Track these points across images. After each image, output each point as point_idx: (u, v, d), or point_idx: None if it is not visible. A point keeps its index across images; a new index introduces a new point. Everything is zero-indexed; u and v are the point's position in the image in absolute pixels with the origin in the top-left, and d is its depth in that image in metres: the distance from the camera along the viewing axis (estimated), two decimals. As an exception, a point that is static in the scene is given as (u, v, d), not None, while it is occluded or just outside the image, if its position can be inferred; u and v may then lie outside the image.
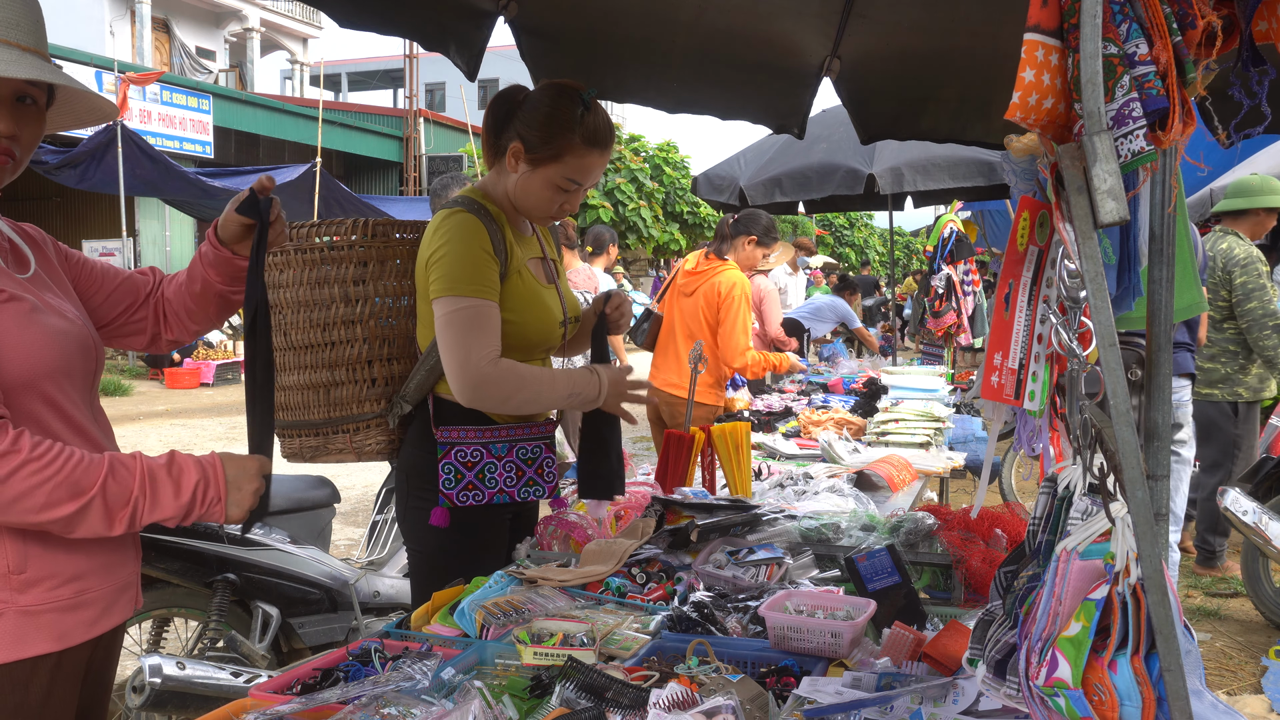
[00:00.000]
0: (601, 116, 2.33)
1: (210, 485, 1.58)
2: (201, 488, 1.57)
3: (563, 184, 2.32)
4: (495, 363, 2.23)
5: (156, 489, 1.53)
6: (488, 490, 2.37)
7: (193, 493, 1.56)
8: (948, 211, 9.20)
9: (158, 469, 1.54)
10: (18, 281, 1.58)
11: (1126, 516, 1.10)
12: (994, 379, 1.40)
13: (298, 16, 32.07)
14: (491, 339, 2.25)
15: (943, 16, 2.92)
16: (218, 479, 1.60)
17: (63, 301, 1.68)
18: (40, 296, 1.61)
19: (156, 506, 1.53)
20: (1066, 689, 1.10)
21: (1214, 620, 5.04)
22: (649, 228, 22.02)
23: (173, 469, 1.56)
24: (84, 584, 1.58)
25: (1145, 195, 1.32)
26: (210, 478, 1.59)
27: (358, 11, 2.59)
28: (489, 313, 2.26)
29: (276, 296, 2.44)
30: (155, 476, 1.53)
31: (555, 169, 2.31)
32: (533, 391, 2.27)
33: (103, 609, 1.62)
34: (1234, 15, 1.25)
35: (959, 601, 2.21)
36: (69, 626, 1.55)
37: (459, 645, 1.82)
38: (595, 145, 2.31)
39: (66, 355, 1.59)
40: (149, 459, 1.56)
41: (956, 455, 4.11)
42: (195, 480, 1.57)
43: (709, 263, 5.22)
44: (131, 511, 1.51)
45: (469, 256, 2.25)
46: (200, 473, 1.58)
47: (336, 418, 2.43)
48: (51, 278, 1.72)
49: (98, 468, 1.48)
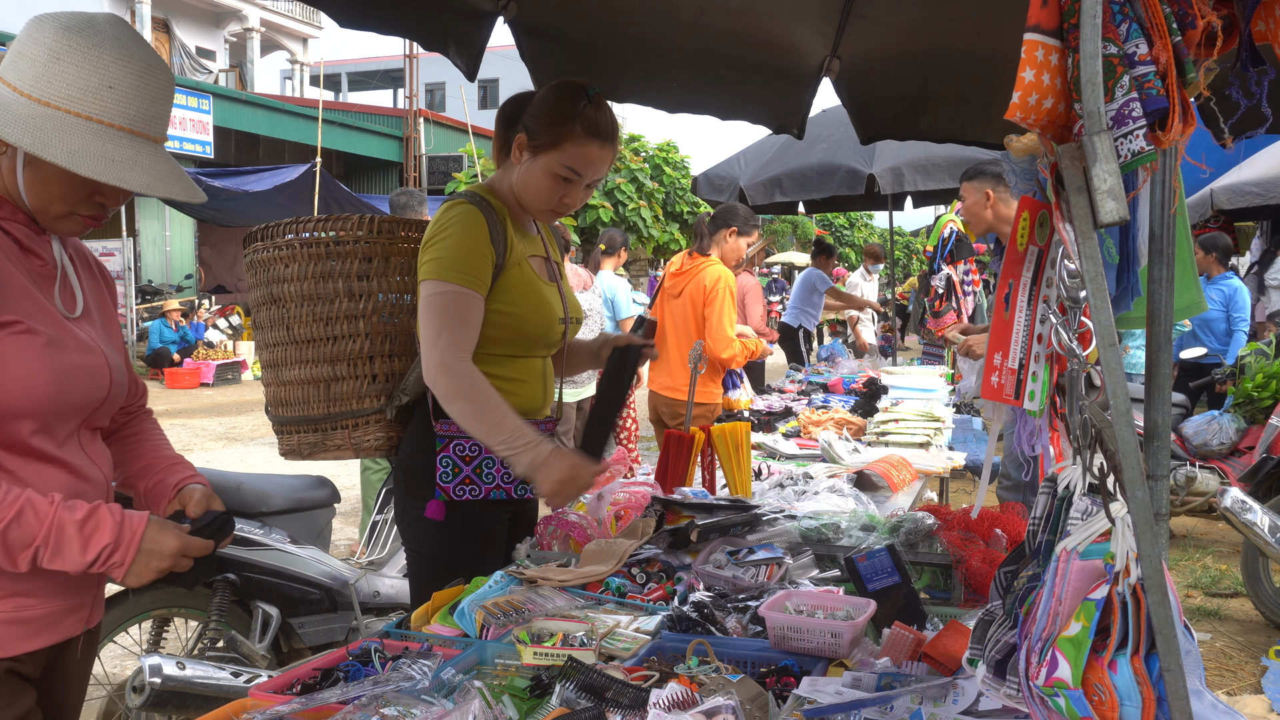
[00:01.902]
0: (605, 112, 2.35)
1: (117, 551, 1.58)
2: (108, 551, 1.57)
3: (562, 172, 2.32)
4: (464, 360, 2.23)
5: (62, 542, 1.54)
6: (484, 485, 2.37)
7: (98, 553, 1.56)
8: (948, 211, 9.19)
9: (68, 523, 1.54)
10: (51, 316, 1.61)
11: (1126, 516, 1.10)
12: (994, 379, 1.40)
13: (298, 16, 32.08)
14: (468, 331, 2.25)
15: (943, 16, 2.92)
16: (130, 547, 1.59)
17: (100, 338, 1.72)
18: (71, 332, 1.64)
19: (59, 557, 1.54)
20: (1066, 689, 1.10)
21: (1214, 620, 5.04)
22: (649, 228, 22.01)
23: (86, 526, 1.56)
24: (25, 600, 1.60)
25: (1145, 195, 1.32)
26: (122, 544, 1.58)
27: (358, 11, 2.60)
28: (471, 303, 2.26)
29: (281, 290, 2.45)
30: (64, 530, 1.53)
31: (555, 156, 2.31)
32: (476, 408, 2.20)
33: (45, 625, 1.64)
34: (1233, 15, 1.25)
35: (959, 601, 2.21)
36: (4, 638, 1.58)
37: (459, 645, 1.81)
38: (595, 136, 2.31)
39: (69, 395, 1.61)
40: (69, 510, 1.55)
41: (956, 455, 4.12)
42: (105, 543, 1.57)
43: (692, 261, 5.26)
44: (32, 555, 1.52)
45: (463, 245, 2.27)
46: (113, 537, 1.58)
47: (336, 413, 2.44)
48: (103, 316, 1.77)
49: (6, 508, 1.50)
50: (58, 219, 1.63)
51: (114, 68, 1.56)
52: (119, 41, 1.57)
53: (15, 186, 1.59)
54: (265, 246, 2.48)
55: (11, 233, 1.61)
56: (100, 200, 1.63)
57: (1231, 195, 9.05)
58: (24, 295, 1.58)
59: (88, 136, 1.54)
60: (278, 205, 13.53)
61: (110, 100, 1.56)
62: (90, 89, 1.54)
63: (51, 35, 1.55)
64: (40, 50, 1.55)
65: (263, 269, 2.49)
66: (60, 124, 1.53)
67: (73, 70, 1.54)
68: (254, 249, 2.51)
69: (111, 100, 1.56)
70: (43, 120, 1.53)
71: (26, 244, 1.63)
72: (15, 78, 1.56)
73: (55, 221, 1.64)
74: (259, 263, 2.50)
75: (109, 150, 1.55)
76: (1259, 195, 8.88)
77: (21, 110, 1.53)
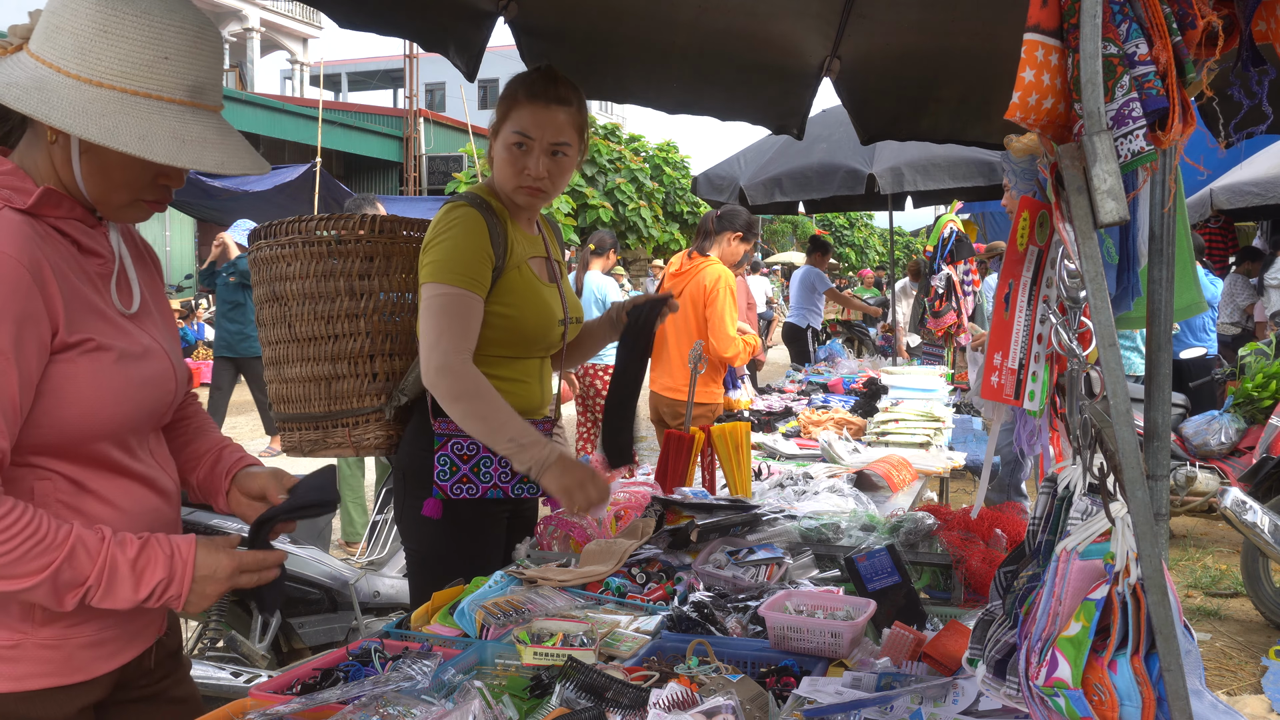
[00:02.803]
0: (551, 78, 2.36)
1: (172, 585, 1.47)
2: (162, 587, 1.46)
3: (512, 139, 2.34)
4: (465, 361, 2.23)
5: (114, 582, 1.43)
6: (482, 484, 2.37)
7: (151, 589, 1.45)
8: (948, 211, 9.20)
9: (120, 562, 1.43)
10: (115, 325, 1.50)
11: (1126, 516, 1.10)
12: (994, 379, 1.40)
13: (298, 16, 32.09)
14: (468, 332, 2.26)
15: (943, 16, 2.92)
16: (184, 578, 1.48)
17: (159, 333, 1.62)
18: (134, 337, 1.54)
19: (110, 596, 1.43)
20: (1066, 689, 1.10)
21: (1214, 620, 5.04)
22: (649, 228, 22.02)
23: (138, 562, 1.45)
24: (105, 622, 1.53)
25: (1145, 195, 1.32)
26: (176, 576, 1.47)
27: (357, 12, 2.60)
28: (470, 305, 2.27)
29: (283, 288, 2.46)
30: (116, 569, 1.43)
31: (505, 130, 2.36)
32: (479, 410, 2.20)
33: (124, 642, 1.58)
34: (1234, 15, 1.25)
35: (959, 601, 2.21)
36: (87, 660, 1.52)
37: (459, 645, 1.82)
38: (535, 98, 2.33)
39: (144, 405, 1.53)
40: (120, 546, 1.44)
41: (956, 455, 4.12)
42: (158, 580, 1.46)
43: (691, 261, 5.26)
44: (82, 595, 1.42)
45: (463, 248, 2.28)
46: (167, 571, 1.47)
47: (336, 411, 2.45)
48: (157, 304, 1.66)
49: (58, 549, 1.38)
50: (121, 208, 1.50)
51: (168, 35, 1.41)
52: (168, 6, 1.42)
53: (71, 177, 1.46)
54: (268, 245, 2.48)
55: (69, 233, 1.47)
56: (164, 183, 1.50)
57: (1231, 195, 9.06)
58: (89, 310, 1.46)
59: (153, 116, 1.40)
60: (278, 205, 13.51)
61: (168, 72, 1.41)
62: (146, 62, 1.39)
63: (94, 7, 1.38)
64: (82, 23, 1.38)
65: (265, 267, 2.50)
66: (120, 105, 1.38)
67: (123, 44, 1.38)
68: (257, 247, 2.52)
69: (169, 72, 1.41)
70: (101, 104, 1.38)
71: (86, 244, 1.50)
72: (55, 55, 1.40)
73: (119, 210, 1.51)
74: (262, 260, 2.51)
75: (177, 129, 1.41)
76: (1259, 195, 8.89)
77: (71, 93, 1.38)
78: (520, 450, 2.18)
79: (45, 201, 1.44)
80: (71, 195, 1.48)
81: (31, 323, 1.36)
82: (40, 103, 1.38)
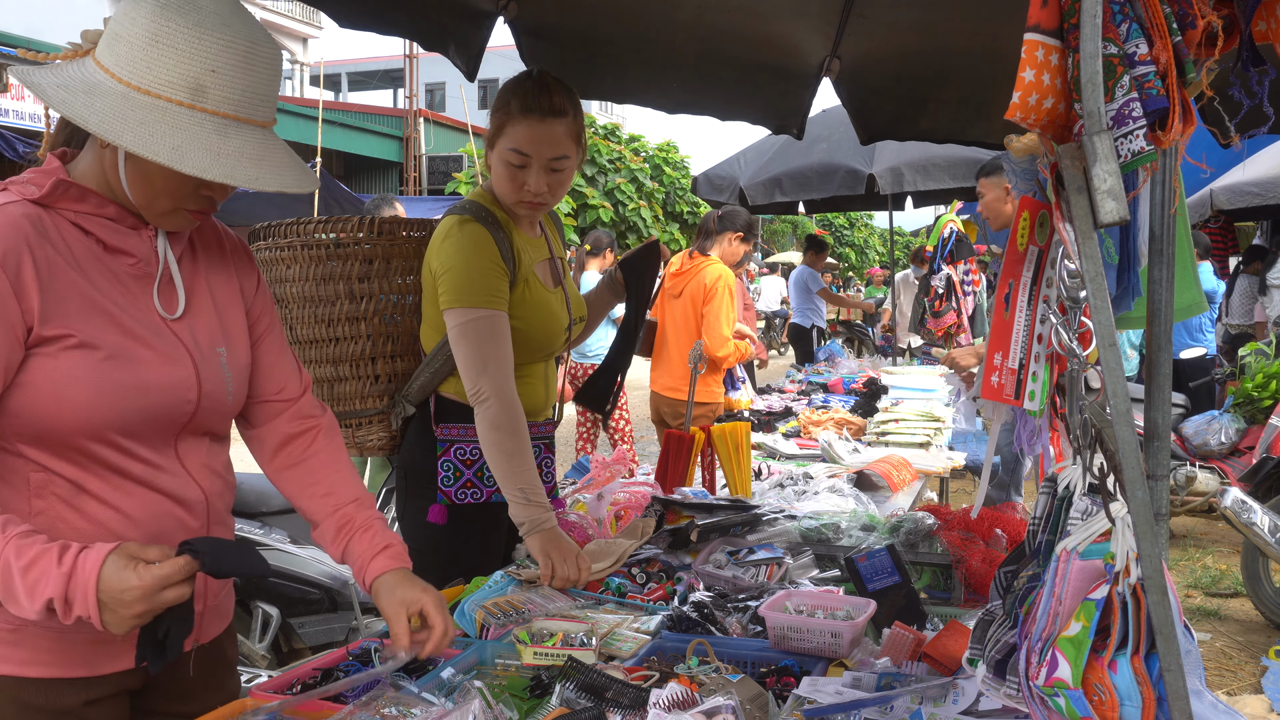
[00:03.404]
0: (545, 87, 2.27)
1: (74, 605, 1.32)
2: (60, 605, 1.32)
3: (511, 158, 2.28)
4: (514, 391, 2.23)
5: (11, 588, 1.33)
6: (485, 488, 2.37)
7: (44, 605, 1.32)
8: (948, 211, 9.19)
9: (14, 570, 1.33)
10: (119, 325, 1.48)
11: (1126, 516, 1.10)
12: (994, 379, 1.40)
13: (298, 16, 32.08)
14: (507, 356, 2.26)
15: (943, 16, 2.91)
16: (86, 600, 1.32)
17: (203, 341, 1.58)
18: (148, 340, 1.50)
19: (13, 603, 1.34)
20: (1066, 689, 1.10)
21: (1214, 620, 5.04)
22: (649, 228, 22.01)
23: (30, 573, 1.32)
24: None
25: (1145, 195, 1.32)
26: (76, 598, 1.32)
27: (357, 12, 2.60)
28: (500, 325, 2.26)
29: (282, 291, 2.45)
30: (9, 574, 1.33)
31: (501, 144, 2.29)
32: (510, 447, 2.20)
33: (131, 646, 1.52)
34: (1234, 15, 1.25)
35: (959, 601, 2.21)
36: (89, 656, 1.51)
37: (459, 645, 1.82)
38: (530, 112, 2.25)
39: (133, 411, 1.48)
40: (15, 551, 1.33)
41: (956, 455, 4.12)
42: (47, 597, 1.32)
43: (692, 261, 5.27)
44: None
45: (478, 268, 2.25)
46: (59, 589, 1.32)
47: (339, 413, 2.45)
48: (220, 301, 1.63)
49: None
50: (164, 215, 1.51)
51: (217, 49, 1.41)
52: (222, 19, 1.43)
53: (118, 181, 1.48)
54: (267, 246, 2.48)
55: (94, 231, 1.48)
56: (207, 194, 1.51)
57: (1231, 195, 9.05)
58: (87, 306, 1.45)
59: (191, 128, 1.41)
60: (278, 205, 13.50)
61: (214, 85, 1.42)
62: (191, 75, 1.41)
63: (148, 16, 1.40)
64: (138, 30, 1.41)
65: (265, 269, 2.49)
66: (161, 115, 1.40)
67: (172, 55, 1.40)
68: (256, 248, 2.51)
69: (215, 85, 1.42)
70: (142, 111, 1.40)
71: (113, 243, 1.50)
72: (112, 61, 1.42)
73: (162, 218, 1.52)
74: (261, 262, 2.50)
75: (214, 143, 1.42)
76: (1259, 195, 8.88)
77: (117, 100, 1.40)
78: (525, 504, 2.18)
79: (59, 193, 1.45)
80: (115, 199, 1.50)
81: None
82: (83, 106, 1.39)
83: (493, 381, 2.22)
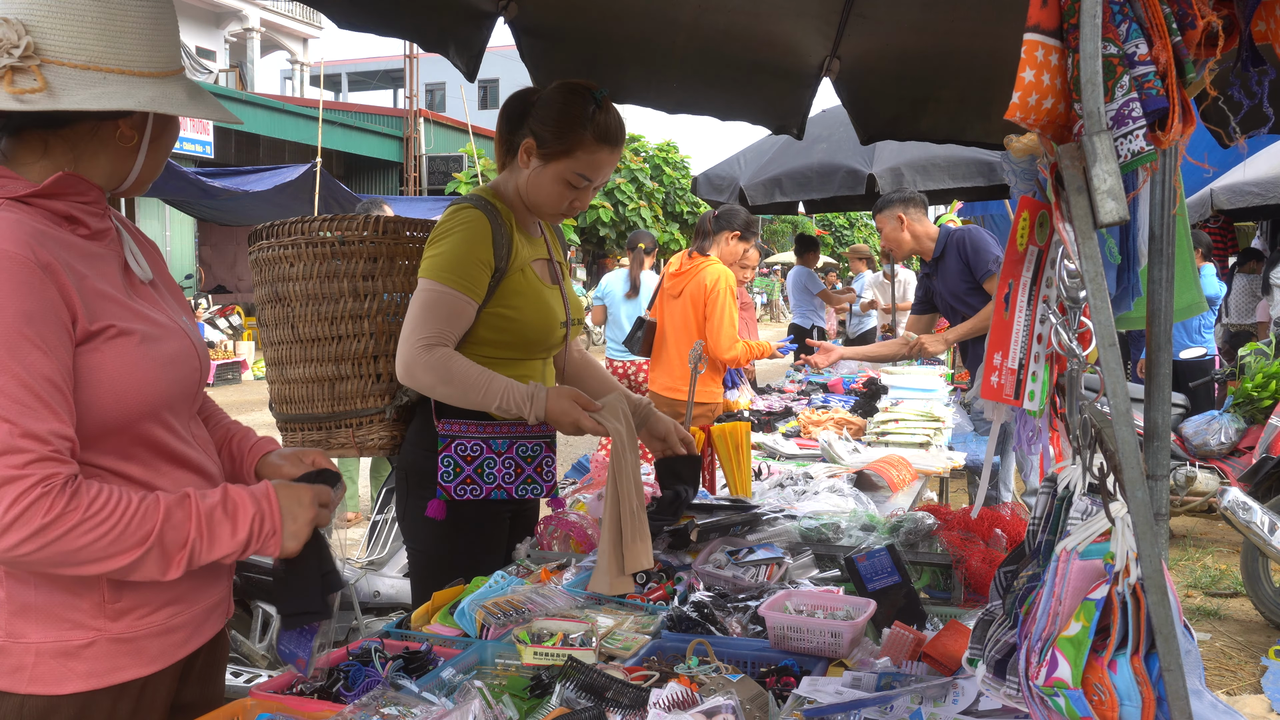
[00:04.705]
0: (613, 115, 2.37)
1: (266, 519, 1.51)
2: (258, 521, 1.50)
3: (573, 179, 2.34)
4: (429, 349, 2.21)
5: (214, 529, 1.46)
6: (485, 485, 2.38)
7: (249, 528, 1.49)
8: (947, 211, 9.19)
9: (214, 507, 1.47)
10: (130, 308, 1.51)
11: (1126, 516, 1.10)
12: (994, 379, 1.40)
13: (298, 16, 32.08)
14: (441, 325, 2.24)
15: (943, 16, 2.92)
16: (273, 511, 1.52)
17: (174, 312, 1.62)
18: (152, 318, 1.54)
19: (214, 546, 1.46)
20: (1066, 689, 1.10)
21: (1214, 620, 5.04)
22: (649, 228, 22.03)
23: (228, 505, 1.49)
24: (176, 608, 1.54)
25: (1145, 195, 1.32)
26: (265, 510, 1.51)
27: (357, 12, 2.60)
28: (456, 304, 2.26)
29: (286, 289, 2.45)
30: (212, 516, 1.47)
31: (566, 164, 2.33)
32: (459, 390, 2.22)
33: (194, 629, 1.59)
34: (1234, 15, 1.25)
35: (959, 601, 2.21)
36: (160, 650, 1.53)
37: (459, 645, 1.82)
38: (606, 142, 2.33)
39: (175, 384, 1.54)
40: (203, 499, 1.48)
41: (956, 455, 4.12)
42: (251, 515, 1.49)
43: (692, 261, 5.27)
44: (189, 554, 1.44)
45: (462, 250, 2.28)
46: (255, 506, 1.50)
47: (340, 411, 2.45)
48: (168, 286, 1.68)
49: (153, 515, 1.41)
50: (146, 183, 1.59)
51: (128, 11, 1.46)
52: None
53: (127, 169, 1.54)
54: (270, 245, 2.48)
55: (79, 217, 1.49)
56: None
57: (1231, 195, 9.05)
58: (103, 298, 1.47)
59: (152, 88, 1.47)
60: (278, 205, 13.52)
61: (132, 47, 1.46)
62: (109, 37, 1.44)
63: None
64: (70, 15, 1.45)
65: (268, 267, 2.50)
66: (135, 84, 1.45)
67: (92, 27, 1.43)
68: (259, 247, 2.52)
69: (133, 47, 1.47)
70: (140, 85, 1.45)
71: (96, 225, 1.52)
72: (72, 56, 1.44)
73: (140, 185, 1.59)
74: (264, 261, 2.50)
75: (170, 91, 1.49)
76: (1259, 195, 8.88)
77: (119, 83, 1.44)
78: (515, 410, 2.21)
79: (62, 186, 1.45)
80: (90, 182, 1.51)
81: (52, 314, 1.37)
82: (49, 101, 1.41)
83: (409, 347, 2.22)
